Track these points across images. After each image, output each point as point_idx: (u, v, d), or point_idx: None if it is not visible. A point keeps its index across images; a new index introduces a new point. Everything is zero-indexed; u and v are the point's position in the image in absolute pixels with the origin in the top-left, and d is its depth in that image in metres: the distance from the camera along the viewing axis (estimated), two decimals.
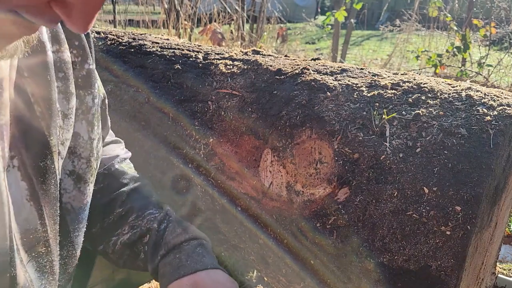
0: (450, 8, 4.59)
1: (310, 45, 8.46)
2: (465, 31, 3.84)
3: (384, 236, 0.70)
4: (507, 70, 4.30)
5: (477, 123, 0.69)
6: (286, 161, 0.82)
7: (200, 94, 1.01)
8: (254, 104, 0.91)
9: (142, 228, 0.76)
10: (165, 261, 0.73)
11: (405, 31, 5.88)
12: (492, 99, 0.73)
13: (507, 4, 4.36)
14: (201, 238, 0.78)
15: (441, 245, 0.66)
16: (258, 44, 5.26)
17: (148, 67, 1.13)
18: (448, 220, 0.65)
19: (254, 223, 0.87)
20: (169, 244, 0.74)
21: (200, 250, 0.75)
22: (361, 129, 0.77)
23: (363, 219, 0.72)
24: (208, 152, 0.94)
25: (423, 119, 0.73)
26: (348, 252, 0.74)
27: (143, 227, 0.76)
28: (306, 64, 0.96)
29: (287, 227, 0.82)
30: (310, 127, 0.81)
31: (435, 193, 0.67)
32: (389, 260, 0.70)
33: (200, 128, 0.96)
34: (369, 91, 0.82)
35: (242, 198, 0.89)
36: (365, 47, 7.85)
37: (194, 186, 0.97)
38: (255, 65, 1.00)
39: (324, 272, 0.79)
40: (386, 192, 0.71)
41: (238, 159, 0.89)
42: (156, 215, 0.78)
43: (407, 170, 0.70)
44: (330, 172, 0.77)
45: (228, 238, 0.96)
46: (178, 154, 0.99)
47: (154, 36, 1.38)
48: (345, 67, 0.94)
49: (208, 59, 1.09)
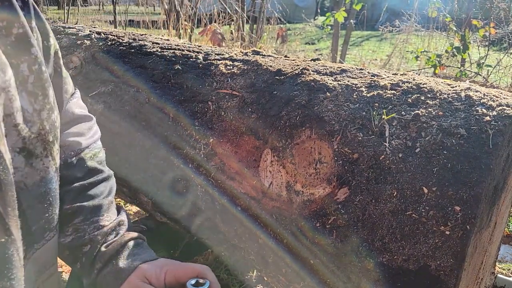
0: (449, 9, 4.59)
1: (309, 45, 8.46)
2: (464, 32, 3.85)
3: (384, 236, 0.70)
4: (506, 71, 4.30)
5: (476, 123, 0.70)
6: (286, 161, 0.82)
7: (200, 94, 1.01)
8: (254, 104, 0.91)
9: (86, 236, 0.72)
10: (103, 273, 0.70)
11: (404, 31, 5.88)
12: (491, 99, 0.74)
13: (506, 4, 4.36)
14: (135, 238, 0.76)
15: (441, 245, 0.66)
16: (258, 45, 5.26)
17: (148, 67, 1.14)
18: (447, 220, 0.65)
19: (254, 223, 0.88)
20: (105, 255, 0.71)
21: (136, 251, 0.73)
22: (361, 129, 0.77)
23: (362, 219, 0.72)
24: (208, 152, 0.94)
25: (422, 119, 0.73)
26: (347, 252, 0.74)
27: (87, 234, 0.72)
28: (306, 65, 0.96)
29: (287, 227, 0.82)
30: (309, 127, 0.81)
31: (434, 193, 0.67)
32: (388, 259, 0.70)
33: (200, 128, 0.97)
34: (369, 91, 0.83)
35: (242, 198, 0.89)
36: (365, 47, 7.85)
37: (194, 186, 0.97)
38: (255, 65, 1.00)
39: (324, 272, 0.79)
40: (386, 192, 0.71)
41: (238, 159, 0.90)
42: (103, 225, 0.73)
43: (407, 170, 0.70)
44: (329, 172, 0.77)
45: (228, 238, 0.97)
46: (178, 154, 0.99)
47: (154, 37, 1.38)
48: (345, 67, 0.94)
49: (208, 59, 1.09)
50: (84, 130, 0.79)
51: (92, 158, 0.78)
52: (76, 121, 0.78)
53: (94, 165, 0.78)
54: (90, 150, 0.79)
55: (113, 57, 1.22)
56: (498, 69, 4.24)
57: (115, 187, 0.82)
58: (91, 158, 0.78)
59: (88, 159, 0.77)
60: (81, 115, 0.79)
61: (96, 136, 0.82)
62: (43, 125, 0.59)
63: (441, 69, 4.07)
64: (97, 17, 7.56)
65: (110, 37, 1.34)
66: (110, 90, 1.16)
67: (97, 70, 1.22)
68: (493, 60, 4.36)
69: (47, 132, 0.60)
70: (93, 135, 0.81)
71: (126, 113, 1.10)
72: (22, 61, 0.57)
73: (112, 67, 1.19)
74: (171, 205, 1.04)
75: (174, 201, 1.02)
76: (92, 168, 0.77)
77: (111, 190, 0.79)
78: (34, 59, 0.58)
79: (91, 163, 0.78)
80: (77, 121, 0.79)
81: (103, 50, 1.27)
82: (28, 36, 0.58)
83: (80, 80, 1.24)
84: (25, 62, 0.57)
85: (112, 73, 1.18)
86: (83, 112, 0.81)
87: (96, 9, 9.86)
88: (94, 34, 1.38)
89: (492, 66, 4.13)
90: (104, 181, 0.78)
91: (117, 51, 1.24)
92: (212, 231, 0.99)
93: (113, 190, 0.80)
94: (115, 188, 0.82)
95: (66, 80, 0.78)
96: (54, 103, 0.62)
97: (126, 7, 6.23)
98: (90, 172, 0.77)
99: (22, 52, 0.57)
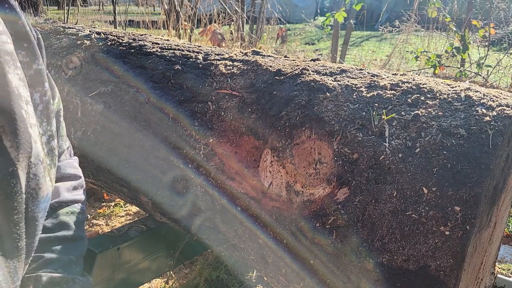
0: (449, 9, 4.59)
1: (309, 45, 8.47)
2: (464, 32, 3.85)
3: (384, 236, 0.70)
4: (506, 71, 4.30)
5: (476, 123, 0.70)
6: (286, 161, 0.82)
7: (200, 94, 1.01)
8: (254, 104, 0.91)
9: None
10: None
11: (404, 31, 5.88)
12: (491, 100, 0.74)
13: (506, 5, 4.36)
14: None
15: (440, 245, 0.66)
16: (258, 45, 5.27)
17: (148, 67, 1.14)
18: (447, 220, 0.65)
19: (254, 223, 0.88)
20: None
21: None
22: (361, 129, 0.77)
23: (362, 219, 0.72)
24: (208, 152, 0.94)
25: (422, 119, 0.73)
26: (347, 252, 0.74)
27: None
28: (305, 65, 0.96)
29: (286, 227, 0.82)
30: (309, 128, 0.81)
31: (434, 193, 0.67)
32: (388, 260, 0.70)
33: (200, 128, 0.97)
34: (369, 91, 0.83)
35: (242, 198, 0.89)
36: (365, 47, 7.85)
37: (194, 186, 0.97)
38: (255, 65, 1.00)
39: (324, 272, 0.79)
40: (386, 192, 0.71)
41: (238, 159, 0.90)
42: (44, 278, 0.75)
43: (406, 170, 0.70)
44: (329, 172, 0.77)
45: (228, 238, 0.97)
46: (178, 154, 0.99)
47: (154, 37, 1.38)
48: (345, 67, 0.94)
49: (208, 59, 1.09)
50: (69, 187, 0.85)
51: (67, 215, 0.82)
52: (67, 177, 0.85)
53: (66, 220, 0.81)
54: (70, 208, 0.83)
55: (113, 57, 1.22)
56: (498, 69, 4.24)
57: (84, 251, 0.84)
58: (66, 214, 0.82)
59: (63, 214, 0.81)
60: (71, 174, 0.86)
61: (80, 197, 0.85)
62: (43, 147, 0.65)
63: (441, 69, 4.07)
64: (97, 17, 7.56)
65: (110, 37, 1.34)
66: (110, 90, 1.16)
67: (97, 70, 1.22)
68: (493, 61, 4.36)
69: (45, 154, 0.66)
70: (77, 194, 0.85)
71: (126, 113, 1.10)
72: (36, 91, 0.66)
73: (112, 67, 1.19)
74: (171, 205, 1.04)
75: (174, 201, 1.02)
76: (63, 223, 0.80)
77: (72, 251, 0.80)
78: (45, 92, 0.67)
79: (66, 217, 0.81)
80: (68, 178, 0.85)
81: (103, 50, 1.27)
82: (44, 74, 0.68)
83: (80, 80, 1.24)
84: (38, 92, 0.66)
85: (112, 73, 1.18)
86: (75, 172, 0.87)
87: (96, 9, 9.86)
88: (94, 34, 1.38)
89: (492, 67, 4.13)
90: (70, 240, 0.80)
91: (117, 51, 1.24)
92: (212, 231, 0.99)
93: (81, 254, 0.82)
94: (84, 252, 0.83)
95: (64, 137, 0.87)
96: (55, 133, 0.69)
97: (126, 7, 6.24)
98: (60, 226, 0.80)
99: (37, 84, 0.66)
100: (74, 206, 0.83)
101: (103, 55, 1.25)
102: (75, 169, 0.88)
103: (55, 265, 0.76)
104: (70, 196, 0.83)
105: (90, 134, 1.18)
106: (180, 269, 1.80)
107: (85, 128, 1.20)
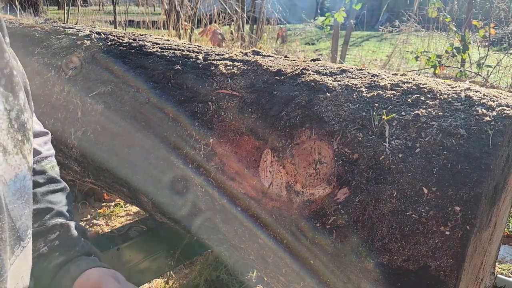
0: (449, 9, 4.60)
1: (309, 45, 8.47)
2: (464, 32, 3.85)
3: (384, 236, 0.70)
4: (506, 71, 4.30)
5: (476, 123, 0.70)
6: (286, 161, 0.82)
7: (200, 94, 1.01)
8: (254, 104, 0.91)
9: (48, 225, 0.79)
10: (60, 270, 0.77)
11: (404, 31, 5.88)
12: (491, 100, 0.74)
13: (506, 5, 4.36)
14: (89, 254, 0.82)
15: (441, 245, 0.66)
16: (258, 45, 5.27)
17: (148, 67, 1.14)
18: (447, 220, 0.65)
19: (254, 223, 0.88)
20: None
21: None
22: (361, 129, 0.77)
23: (362, 219, 0.72)
24: (208, 152, 0.94)
25: (422, 119, 0.73)
26: (347, 252, 0.74)
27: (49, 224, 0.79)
28: (305, 65, 0.96)
29: (286, 227, 0.82)
30: (309, 128, 0.81)
31: (434, 193, 0.67)
32: (388, 260, 0.70)
33: (200, 129, 0.97)
34: (369, 91, 0.83)
35: (242, 198, 0.89)
36: (365, 47, 7.85)
37: (194, 186, 0.97)
38: (255, 65, 1.00)
39: (324, 272, 0.79)
40: (386, 192, 0.71)
41: (238, 159, 0.90)
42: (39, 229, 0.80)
43: (407, 170, 0.70)
44: (329, 173, 0.77)
45: (228, 238, 0.97)
46: (178, 154, 0.99)
47: (154, 37, 1.38)
48: (345, 67, 0.94)
49: (208, 59, 1.09)
50: (41, 143, 0.89)
51: (52, 169, 0.88)
52: (36, 135, 0.87)
53: (54, 175, 0.87)
54: (49, 161, 0.88)
55: (113, 57, 1.22)
56: (498, 69, 4.24)
57: (71, 200, 0.91)
58: (51, 168, 0.87)
59: (49, 169, 0.87)
60: (38, 131, 0.89)
61: (52, 151, 0.91)
62: (12, 123, 0.64)
63: (441, 69, 4.07)
64: (97, 17, 7.56)
65: (110, 37, 1.34)
66: (110, 90, 1.16)
67: (97, 70, 1.22)
68: (493, 61, 4.37)
69: (16, 130, 0.64)
70: (49, 148, 0.91)
71: (126, 113, 1.10)
72: None
73: (112, 67, 1.19)
74: (171, 205, 1.04)
75: (174, 201, 1.02)
76: (52, 178, 0.86)
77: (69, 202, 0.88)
78: (5, 64, 0.64)
79: (51, 172, 0.87)
80: (37, 135, 0.88)
81: (103, 50, 1.27)
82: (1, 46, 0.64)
83: (80, 80, 1.24)
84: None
85: (112, 73, 1.18)
86: (40, 128, 0.90)
87: (96, 9, 9.86)
88: (94, 34, 1.38)
89: (492, 67, 4.13)
90: (62, 191, 0.87)
91: (117, 51, 1.24)
92: (212, 231, 0.99)
93: (70, 203, 0.89)
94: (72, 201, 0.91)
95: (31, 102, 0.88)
96: (24, 106, 0.68)
97: (126, 7, 6.24)
98: (50, 181, 0.85)
99: None
100: (52, 160, 0.89)
101: (103, 55, 1.25)
102: (39, 125, 0.91)
103: (65, 215, 0.83)
104: (47, 152, 0.88)
105: (90, 134, 1.18)
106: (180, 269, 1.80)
107: (85, 128, 1.20)
